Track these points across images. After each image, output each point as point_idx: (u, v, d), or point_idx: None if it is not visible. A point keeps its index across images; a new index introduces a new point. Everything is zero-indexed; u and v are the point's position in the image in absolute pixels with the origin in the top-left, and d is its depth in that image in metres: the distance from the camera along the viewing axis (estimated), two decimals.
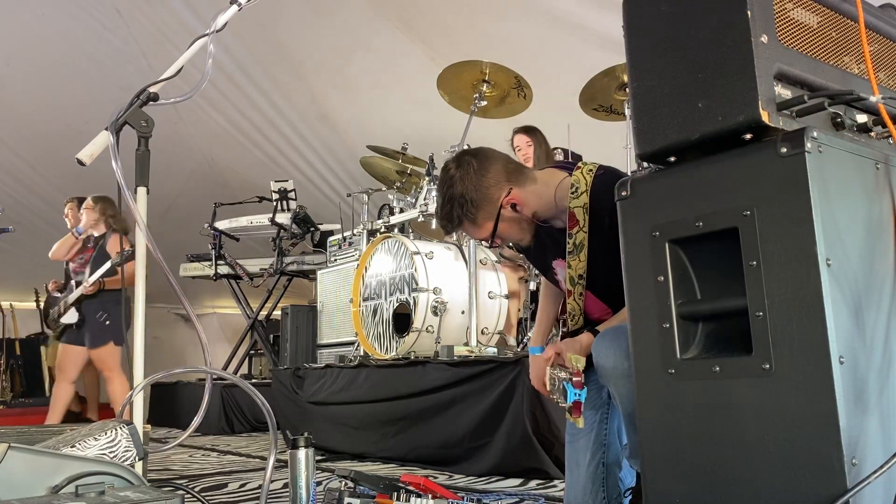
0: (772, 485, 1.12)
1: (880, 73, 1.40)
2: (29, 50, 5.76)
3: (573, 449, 1.99)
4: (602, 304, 1.93)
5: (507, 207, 1.88)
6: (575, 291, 1.90)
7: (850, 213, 1.16)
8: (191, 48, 1.95)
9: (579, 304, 1.91)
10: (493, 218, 1.88)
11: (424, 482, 1.97)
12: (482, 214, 1.88)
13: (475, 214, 1.87)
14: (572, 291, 1.90)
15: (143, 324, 1.78)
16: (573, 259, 1.88)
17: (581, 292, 1.90)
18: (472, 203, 1.86)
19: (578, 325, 1.93)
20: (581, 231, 1.85)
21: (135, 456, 1.37)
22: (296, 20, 5.49)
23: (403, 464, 3.66)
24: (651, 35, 1.32)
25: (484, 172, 1.88)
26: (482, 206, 1.87)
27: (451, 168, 1.91)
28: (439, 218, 1.96)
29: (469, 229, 1.94)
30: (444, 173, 1.93)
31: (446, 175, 1.91)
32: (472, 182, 1.86)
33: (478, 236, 1.96)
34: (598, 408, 1.96)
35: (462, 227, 1.92)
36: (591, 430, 1.96)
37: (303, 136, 6.74)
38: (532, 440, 3.05)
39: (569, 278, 1.90)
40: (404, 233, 4.53)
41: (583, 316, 1.92)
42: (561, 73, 4.85)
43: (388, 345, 4.09)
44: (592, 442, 1.94)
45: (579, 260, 1.87)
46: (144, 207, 1.83)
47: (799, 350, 1.10)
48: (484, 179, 1.87)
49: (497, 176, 1.88)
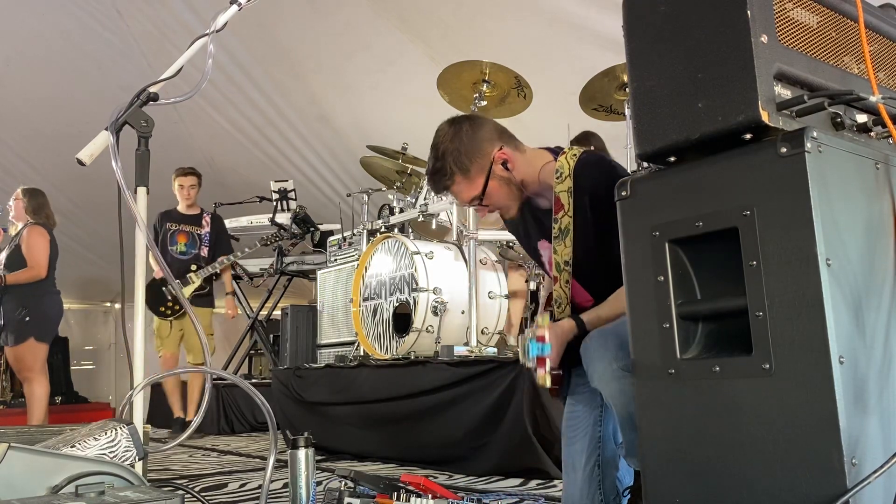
0: (772, 485, 1.12)
1: (880, 73, 1.40)
2: (29, 50, 5.76)
3: (570, 451, 1.99)
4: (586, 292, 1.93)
5: (499, 164, 1.90)
6: (561, 278, 1.90)
7: (850, 213, 1.16)
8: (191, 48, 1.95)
9: (566, 292, 1.90)
10: (485, 173, 1.90)
11: (424, 482, 1.97)
12: (474, 167, 1.90)
13: (468, 166, 1.89)
14: (558, 278, 1.90)
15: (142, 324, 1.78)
16: (559, 244, 1.88)
17: (567, 279, 1.90)
18: (466, 154, 1.89)
19: (565, 313, 1.91)
20: (566, 216, 1.86)
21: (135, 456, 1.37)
22: (296, 20, 5.48)
23: (403, 464, 3.66)
24: (651, 35, 1.32)
25: (477, 129, 1.93)
26: (475, 158, 1.89)
27: (444, 127, 1.95)
28: (430, 174, 1.97)
29: (460, 185, 1.93)
30: (437, 133, 1.96)
31: (439, 133, 1.95)
32: (467, 135, 1.91)
33: (467, 194, 1.94)
34: (593, 409, 1.96)
35: (453, 182, 1.92)
36: (587, 432, 1.96)
37: (303, 137, 6.73)
38: (532, 440, 3.05)
39: (555, 264, 1.90)
40: (404, 233, 4.53)
41: (569, 304, 1.91)
42: (561, 73, 4.85)
43: (388, 345, 4.09)
44: (588, 444, 1.94)
45: (564, 245, 1.87)
46: (144, 207, 1.83)
47: (799, 350, 1.10)
48: (477, 134, 1.92)
49: (490, 133, 1.93)
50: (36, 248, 4.73)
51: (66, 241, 5.91)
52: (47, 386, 4.76)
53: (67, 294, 5.69)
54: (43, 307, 4.78)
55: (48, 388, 4.82)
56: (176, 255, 5.48)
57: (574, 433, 1.98)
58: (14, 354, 4.68)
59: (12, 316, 4.64)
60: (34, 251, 4.72)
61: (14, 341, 4.64)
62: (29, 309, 4.65)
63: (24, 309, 4.64)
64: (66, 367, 7.79)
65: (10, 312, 4.66)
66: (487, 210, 1.99)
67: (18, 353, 4.65)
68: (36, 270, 4.70)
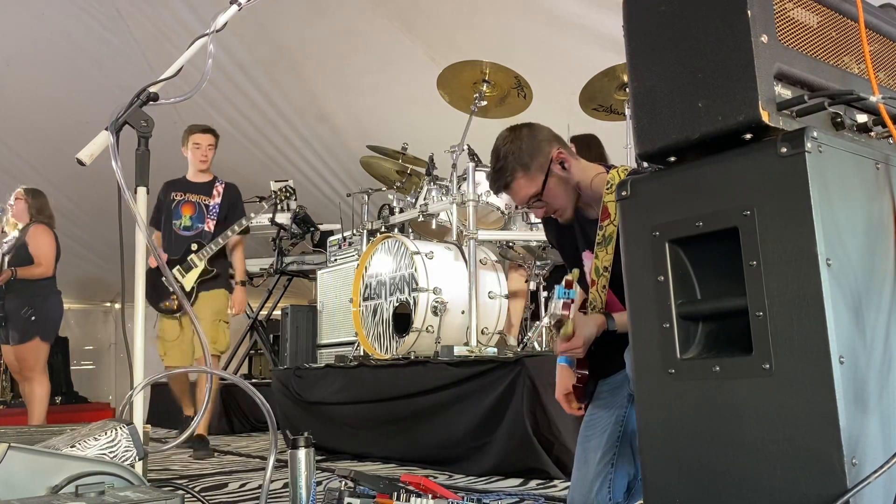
0: (772, 485, 1.12)
1: (880, 72, 1.40)
2: (29, 50, 5.76)
3: (584, 447, 2.00)
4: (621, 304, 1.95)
5: (557, 164, 1.98)
6: (599, 283, 1.94)
7: (850, 213, 1.16)
8: (191, 48, 1.95)
9: (601, 296, 1.95)
10: (545, 171, 1.97)
11: (424, 482, 1.97)
12: (534, 165, 1.97)
13: (528, 164, 1.97)
14: (596, 282, 1.95)
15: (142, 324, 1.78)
16: (601, 250, 1.93)
17: (605, 284, 1.94)
18: (527, 152, 1.97)
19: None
20: (612, 224, 1.90)
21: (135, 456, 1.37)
22: (296, 20, 5.48)
23: (403, 464, 3.66)
24: (651, 35, 1.32)
25: (536, 132, 2.02)
26: (535, 156, 1.98)
27: (504, 132, 2.04)
28: (492, 172, 2.04)
29: (520, 181, 1.99)
30: (497, 139, 2.04)
31: (499, 138, 2.04)
32: (527, 136, 2.00)
33: (527, 191, 2.00)
34: (615, 410, 1.98)
35: (514, 179, 1.99)
36: (606, 430, 1.97)
37: (303, 137, 6.73)
38: (532, 440, 3.05)
39: (594, 268, 1.94)
40: (404, 233, 4.53)
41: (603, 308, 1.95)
42: (561, 73, 4.85)
43: (388, 345, 4.09)
44: (605, 442, 1.96)
45: (606, 252, 1.92)
46: (144, 207, 1.83)
47: (799, 350, 1.10)
48: (537, 136, 2.01)
49: (548, 135, 2.03)
50: (44, 247, 4.75)
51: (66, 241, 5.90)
52: (48, 386, 4.76)
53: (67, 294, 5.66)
54: (47, 307, 4.78)
55: (49, 388, 4.82)
56: (180, 232, 4.45)
57: (591, 432, 2.01)
58: (16, 353, 4.67)
59: (17, 314, 4.63)
60: (42, 249, 4.73)
61: (19, 340, 4.64)
62: (35, 308, 4.65)
63: (31, 308, 4.64)
64: (67, 367, 7.78)
65: (14, 311, 4.64)
66: (544, 211, 2.04)
67: (21, 353, 4.64)
68: (45, 268, 4.72)
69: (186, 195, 4.49)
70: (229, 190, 4.60)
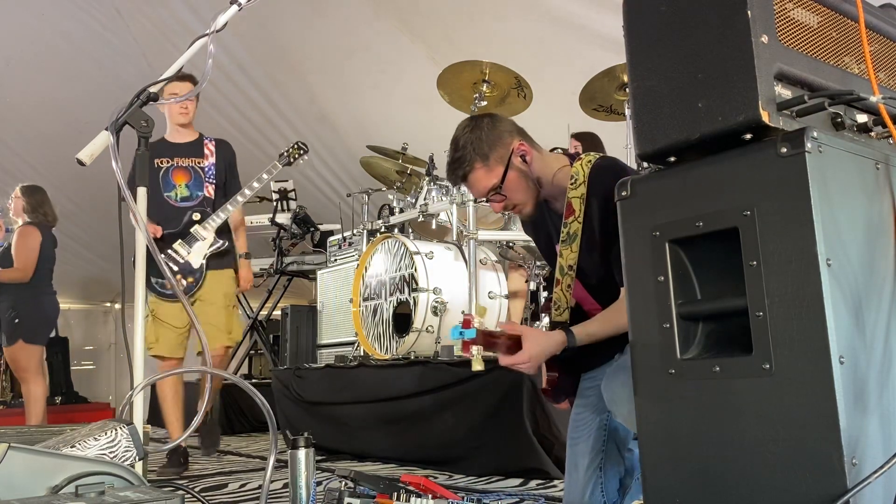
0: (772, 485, 1.12)
1: (880, 73, 1.40)
2: (29, 50, 5.76)
3: (573, 451, 2.00)
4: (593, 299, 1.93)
5: (518, 157, 1.92)
6: (563, 282, 1.90)
7: (850, 213, 1.16)
8: (191, 48, 1.95)
9: (566, 296, 1.91)
10: (504, 163, 1.91)
11: (424, 482, 1.97)
12: (493, 156, 1.91)
13: (487, 154, 1.91)
14: (560, 281, 1.91)
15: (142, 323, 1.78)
16: (565, 248, 1.89)
17: (569, 283, 1.90)
18: (487, 143, 1.91)
19: (563, 317, 1.92)
20: (576, 221, 1.86)
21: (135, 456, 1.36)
22: (296, 20, 5.48)
23: (403, 464, 3.66)
24: (651, 35, 1.32)
25: (496, 123, 1.96)
26: (495, 147, 1.91)
27: (464, 122, 1.99)
28: (450, 163, 1.98)
29: (478, 173, 1.93)
30: (456, 129, 1.99)
31: (458, 127, 1.98)
32: (487, 127, 1.94)
33: (485, 183, 1.93)
34: (599, 413, 1.97)
35: (472, 169, 1.93)
36: (591, 434, 1.97)
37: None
38: (532, 440, 3.05)
39: (559, 267, 1.91)
40: (404, 233, 4.53)
41: (569, 309, 1.91)
42: (561, 73, 4.85)
43: (388, 345, 4.08)
44: (591, 448, 1.95)
45: (571, 250, 1.88)
46: (144, 207, 1.83)
47: (799, 350, 1.10)
48: (497, 127, 1.94)
49: (510, 127, 1.97)
50: (23, 249, 4.69)
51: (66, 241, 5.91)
52: (45, 386, 4.75)
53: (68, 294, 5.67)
54: (33, 309, 4.73)
55: (46, 388, 4.81)
56: (177, 204, 3.78)
57: (578, 434, 1.99)
58: (9, 355, 4.70)
59: (4, 316, 4.63)
60: (21, 252, 4.68)
61: (6, 342, 4.65)
62: (18, 311, 4.61)
63: (13, 311, 4.61)
64: (66, 368, 7.77)
65: (2, 313, 4.65)
66: (502, 204, 1.97)
67: (11, 354, 4.67)
68: (20, 273, 4.65)
69: (174, 160, 3.81)
70: (222, 147, 3.98)
